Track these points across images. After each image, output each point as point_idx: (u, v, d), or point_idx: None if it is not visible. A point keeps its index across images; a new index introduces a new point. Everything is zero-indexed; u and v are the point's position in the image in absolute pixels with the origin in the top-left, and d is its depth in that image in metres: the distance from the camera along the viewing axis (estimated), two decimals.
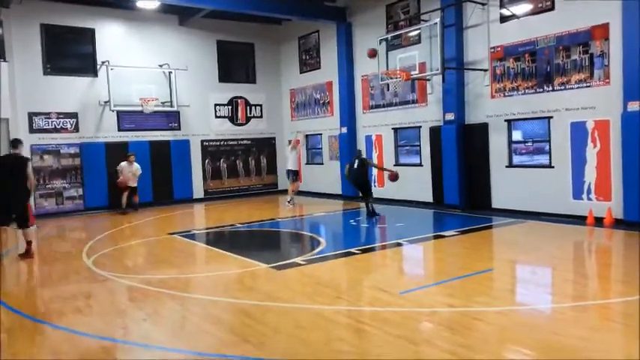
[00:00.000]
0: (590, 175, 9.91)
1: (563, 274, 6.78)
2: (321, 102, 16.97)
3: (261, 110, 18.32)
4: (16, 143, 8.79)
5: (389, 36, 13.37)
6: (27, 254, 8.66)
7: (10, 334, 5.14)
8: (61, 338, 4.89)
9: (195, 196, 16.82)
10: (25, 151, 13.99)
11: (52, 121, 14.52)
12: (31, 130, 14.21)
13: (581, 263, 7.88)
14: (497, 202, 11.65)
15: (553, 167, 10.55)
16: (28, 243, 8.73)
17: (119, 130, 15.48)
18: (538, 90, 10.72)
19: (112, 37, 15.34)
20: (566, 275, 6.70)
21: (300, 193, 17.85)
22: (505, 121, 11.39)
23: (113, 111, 15.07)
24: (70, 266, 8.11)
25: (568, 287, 6.16)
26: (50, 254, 9.49)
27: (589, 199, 9.94)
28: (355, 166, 11.95)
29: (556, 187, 10.45)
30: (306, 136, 13.91)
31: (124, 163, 14.45)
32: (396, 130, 14.34)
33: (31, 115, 14.23)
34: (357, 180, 12.07)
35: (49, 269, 8.19)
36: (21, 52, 13.95)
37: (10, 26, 13.70)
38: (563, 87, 10.29)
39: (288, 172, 14.87)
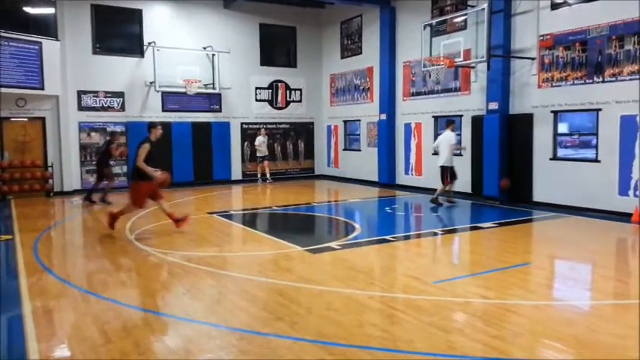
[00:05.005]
0: (638, 171, 9.53)
1: (603, 271, 6.60)
2: (361, 88, 16.88)
3: (301, 95, 18.37)
4: (149, 128, 8.72)
5: (434, 21, 13.12)
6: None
7: (57, 301, 5.43)
8: (105, 308, 5.13)
9: (233, 178, 17.11)
10: (72, 128, 14.63)
11: (99, 100, 15.01)
12: (80, 108, 14.75)
13: (623, 261, 7.63)
14: (538, 196, 11.37)
15: (599, 162, 10.19)
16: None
17: (163, 110, 15.87)
18: (587, 81, 10.33)
19: (158, 19, 15.65)
20: (606, 272, 6.52)
21: (335, 178, 17.88)
22: (551, 112, 11.05)
23: (158, 92, 15.44)
24: (114, 240, 8.45)
25: (608, 285, 6.00)
26: (96, 228, 9.89)
27: (635, 195, 9.58)
28: None
29: (601, 182, 10.10)
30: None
31: None
32: (436, 118, 14.13)
33: (80, 94, 14.74)
34: None
35: (93, 242, 8.54)
36: (72, 31, 14.43)
37: (63, 6, 14.17)
38: (614, 78, 9.88)
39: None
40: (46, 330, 4.62)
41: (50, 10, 13.88)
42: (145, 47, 15.37)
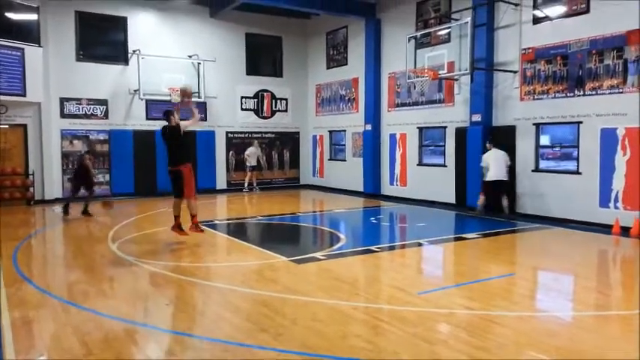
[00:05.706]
0: (619, 183, 9.70)
1: (585, 282, 6.68)
2: (347, 98, 16.96)
3: (287, 104, 18.40)
4: (167, 114, 8.39)
5: (418, 34, 13.28)
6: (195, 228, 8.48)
7: (37, 312, 5.31)
8: (86, 318, 5.03)
9: (218, 187, 17.02)
10: (55, 136, 14.43)
11: (82, 107, 14.85)
12: (62, 115, 14.57)
13: (604, 272, 7.74)
14: (521, 207, 11.50)
15: (580, 174, 10.36)
16: (192, 217, 8.47)
17: (147, 118, 15.75)
18: (569, 94, 10.53)
19: (143, 26, 15.59)
20: (588, 284, 6.60)
21: (320, 188, 17.89)
22: (533, 124, 11.22)
23: (142, 100, 15.33)
24: (96, 250, 8.33)
25: (590, 296, 6.07)
26: (77, 237, 9.73)
27: (616, 207, 9.75)
28: None
29: (583, 194, 10.26)
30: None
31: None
32: (421, 129, 14.25)
33: (63, 101, 14.57)
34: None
35: (75, 252, 8.41)
36: (55, 38, 14.29)
37: (46, 13, 14.03)
38: (594, 92, 10.08)
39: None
40: (25, 341, 4.52)
41: (33, 17, 13.74)
42: (129, 55, 15.28)
